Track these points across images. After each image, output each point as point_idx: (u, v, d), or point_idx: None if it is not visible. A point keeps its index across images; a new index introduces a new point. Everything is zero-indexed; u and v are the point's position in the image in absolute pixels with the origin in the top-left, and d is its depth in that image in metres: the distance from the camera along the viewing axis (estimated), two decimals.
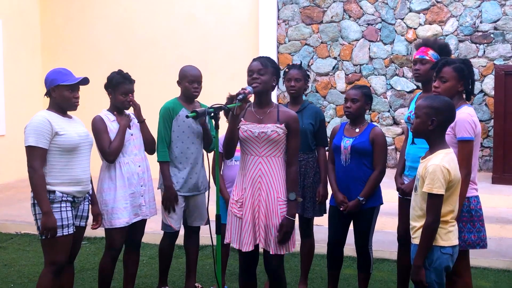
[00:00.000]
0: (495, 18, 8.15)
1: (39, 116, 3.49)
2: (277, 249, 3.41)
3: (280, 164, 3.46)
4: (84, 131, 3.68)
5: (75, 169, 3.56)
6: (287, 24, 9.06)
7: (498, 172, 7.54)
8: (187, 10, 9.24)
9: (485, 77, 8.22)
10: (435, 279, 2.99)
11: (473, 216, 3.41)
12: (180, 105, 4.28)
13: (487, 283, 4.80)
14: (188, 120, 4.22)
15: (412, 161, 3.85)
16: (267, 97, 3.50)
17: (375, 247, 5.47)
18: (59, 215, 3.46)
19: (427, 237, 2.95)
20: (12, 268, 5.19)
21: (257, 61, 3.46)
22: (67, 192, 3.52)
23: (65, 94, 3.54)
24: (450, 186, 2.94)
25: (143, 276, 4.90)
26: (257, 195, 3.43)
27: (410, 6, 8.53)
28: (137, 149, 4.09)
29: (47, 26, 9.87)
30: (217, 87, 5.19)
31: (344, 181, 4.05)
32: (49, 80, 3.56)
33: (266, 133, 3.39)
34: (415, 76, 3.94)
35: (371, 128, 4.05)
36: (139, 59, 9.26)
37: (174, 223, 4.28)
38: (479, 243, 3.43)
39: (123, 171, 3.98)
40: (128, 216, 3.98)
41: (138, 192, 4.05)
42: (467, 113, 3.39)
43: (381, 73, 8.72)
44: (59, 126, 3.49)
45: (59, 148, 3.48)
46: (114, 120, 4.01)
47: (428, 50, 3.88)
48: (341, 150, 4.05)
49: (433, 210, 2.92)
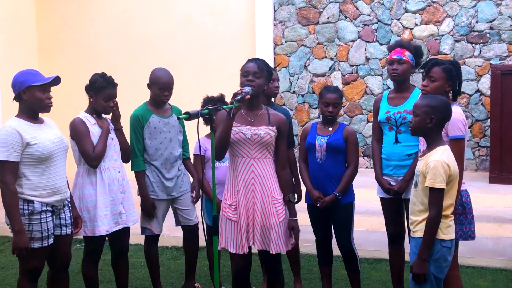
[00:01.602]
0: (491, 18, 8.17)
1: (7, 127, 3.29)
2: (277, 247, 3.43)
3: (271, 165, 3.49)
4: (57, 136, 3.49)
5: (52, 178, 3.41)
6: (284, 25, 9.07)
7: (495, 172, 7.54)
8: (184, 11, 9.23)
9: (481, 77, 8.23)
10: (433, 272, 3.07)
11: (465, 208, 3.54)
12: (150, 111, 4.22)
13: (485, 282, 4.81)
14: (159, 126, 4.20)
15: (398, 160, 3.95)
16: (258, 100, 3.51)
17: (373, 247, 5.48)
18: (39, 227, 3.34)
19: (431, 230, 3.04)
20: (9, 271, 5.17)
21: (254, 63, 3.44)
22: (46, 202, 3.38)
23: (37, 95, 3.35)
24: (450, 180, 3.05)
25: (141, 278, 4.89)
26: (250, 197, 3.44)
27: (406, 7, 8.54)
28: (116, 154, 4.00)
29: (43, 27, 9.84)
30: (214, 88, 5.17)
31: (319, 178, 4.09)
32: (19, 82, 3.36)
33: (259, 135, 3.40)
34: (393, 75, 4.04)
35: (343, 127, 4.14)
36: (136, 60, 9.25)
37: (154, 227, 4.27)
38: (470, 235, 3.57)
39: (104, 177, 3.87)
40: (108, 224, 3.87)
41: (117, 199, 3.93)
42: (458, 113, 3.50)
43: (377, 74, 8.73)
44: (30, 135, 3.31)
45: (32, 158, 3.31)
46: (95, 123, 3.89)
47: (405, 51, 4.00)
48: (315, 148, 4.10)
49: (435, 204, 3.02)
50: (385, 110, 4.05)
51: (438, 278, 3.10)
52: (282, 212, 3.46)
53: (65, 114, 4.41)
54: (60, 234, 3.55)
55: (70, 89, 4.03)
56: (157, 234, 4.34)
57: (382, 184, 4.02)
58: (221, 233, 3.55)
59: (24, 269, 3.43)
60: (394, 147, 3.97)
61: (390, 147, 4.00)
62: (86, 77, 3.96)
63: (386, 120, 4.01)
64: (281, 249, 3.45)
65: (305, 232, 4.54)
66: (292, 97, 9.00)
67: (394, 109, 3.99)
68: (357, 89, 8.78)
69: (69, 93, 4.32)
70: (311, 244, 4.56)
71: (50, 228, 3.42)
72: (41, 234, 3.36)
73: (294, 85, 9.00)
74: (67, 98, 5.33)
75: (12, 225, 3.26)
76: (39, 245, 3.36)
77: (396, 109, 3.98)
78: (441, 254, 3.08)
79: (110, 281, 4.88)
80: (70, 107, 4.78)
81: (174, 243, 5.65)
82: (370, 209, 6.15)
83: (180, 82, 7.31)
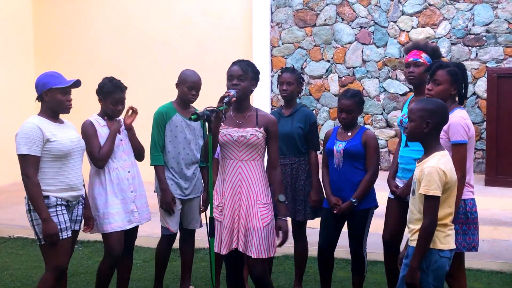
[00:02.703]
0: (488, 21, 8.20)
1: (30, 123, 3.46)
2: (259, 253, 3.38)
3: (259, 168, 3.47)
4: (76, 136, 3.66)
5: (68, 175, 3.55)
6: (281, 27, 9.08)
7: (491, 174, 7.57)
8: (182, 13, 9.24)
9: (478, 80, 8.26)
10: (432, 282, 2.98)
11: (469, 218, 3.43)
12: (174, 109, 4.27)
13: (480, 284, 4.82)
14: (181, 125, 4.23)
15: (406, 163, 3.88)
16: (246, 102, 3.51)
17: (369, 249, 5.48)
18: (56, 219, 3.46)
19: (424, 239, 2.94)
20: (5, 272, 5.16)
21: (238, 66, 3.44)
22: (61, 197, 3.51)
23: (57, 97, 3.52)
24: (447, 188, 2.95)
25: (137, 279, 4.89)
26: (237, 199, 3.43)
27: (402, 9, 8.57)
28: (126, 154, 4.05)
29: (40, 28, 9.83)
30: (211, 90, 5.18)
31: (337, 184, 4.07)
32: (41, 84, 3.53)
33: (246, 136, 3.40)
34: (409, 78, 3.95)
35: (363, 131, 4.08)
36: (134, 62, 9.25)
37: (172, 225, 4.29)
38: (474, 246, 3.46)
39: (112, 177, 3.94)
40: (121, 221, 3.94)
41: (128, 198, 3.99)
42: (459, 117, 3.42)
43: (374, 76, 8.74)
44: (50, 132, 3.47)
45: (51, 154, 3.47)
46: (105, 125, 3.97)
47: (421, 53, 3.90)
48: (333, 154, 4.07)
49: (429, 212, 2.92)
50: (402, 113, 3.99)
51: (437, 287, 3.02)
52: (267, 217, 3.42)
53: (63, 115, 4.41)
54: (72, 228, 3.65)
55: None
56: (175, 232, 4.34)
57: (390, 185, 4.01)
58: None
59: (50, 266, 3.51)
60: (403, 150, 3.91)
61: (401, 151, 3.96)
62: (83, 78, 3.95)
63: (400, 123, 3.98)
64: (262, 254, 3.38)
65: (308, 235, 4.56)
66: None
67: None
68: None
69: None
70: (310, 247, 4.55)
71: (67, 220, 3.53)
72: (59, 226, 3.46)
73: None
74: None
75: (39, 214, 3.40)
76: (60, 237, 3.45)
77: None
78: (440, 264, 2.98)
79: None
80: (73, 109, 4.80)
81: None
82: None
83: None
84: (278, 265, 5.26)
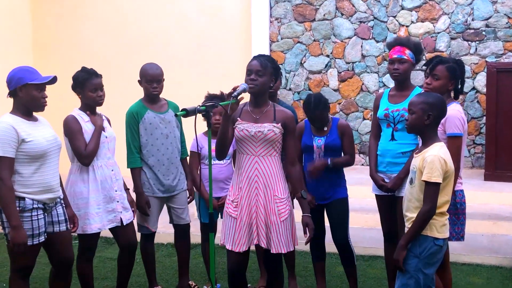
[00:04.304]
0: (487, 16, 8.17)
1: (3, 123, 3.27)
2: (277, 247, 3.39)
3: (276, 163, 3.45)
4: (52, 134, 3.48)
5: (45, 176, 3.38)
6: (280, 22, 9.05)
7: (490, 169, 7.56)
8: (179, 9, 9.21)
9: (477, 75, 8.24)
10: (422, 268, 3.06)
11: (458, 209, 3.56)
12: (145, 107, 4.21)
13: (480, 279, 4.82)
14: (155, 122, 4.18)
15: (392, 157, 3.95)
16: (264, 97, 3.47)
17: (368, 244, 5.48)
18: (30, 224, 3.31)
19: (420, 223, 3.03)
20: (4, 268, 5.16)
21: (257, 60, 3.40)
22: (37, 199, 3.35)
23: (33, 93, 3.33)
24: (446, 176, 3.05)
25: (136, 275, 4.89)
26: (254, 195, 3.41)
27: (402, 4, 8.54)
28: (110, 152, 3.96)
29: (38, 24, 9.80)
30: (209, 86, 5.16)
31: (318, 178, 4.10)
32: (15, 79, 3.33)
33: (263, 132, 3.38)
34: (394, 75, 4.00)
35: (336, 124, 4.17)
36: (131, 59, 9.20)
37: (150, 224, 4.28)
38: (462, 236, 3.61)
39: (96, 175, 3.83)
40: (100, 222, 3.84)
41: (111, 197, 3.90)
42: (456, 110, 3.53)
43: (373, 71, 8.73)
44: (25, 132, 3.29)
45: (27, 155, 3.29)
46: (88, 120, 3.85)
47: (405, 50, 3.96)
48: (313, 150, 4.12)
49: (430, 198, 3.01)
50: (384, 107, 4.04)
51: (426, 274, 3.08)
52: (284, 212, 3.41)
53: (59, 112, 4.39)
54: (52, 231, 3.51)
55: (65, 87, 4.00)
56: (154, 231, 4.33)
57: (376, 180, 4.02)
58: (222, 229, 3.53)
59: (16, 267, 3.41)
60: (389, 144, 3.96)
61: (385, 144, 4.00)
62: None
63: (384, 117, 4.00)
64: (281, 249, 3.39)
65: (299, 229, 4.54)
66: (288, 94, 8.99)
67: (393, 107, 3.98)
68: (353, 86, 8.78)
69: (63, 91, 4.28)
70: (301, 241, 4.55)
71: (42, 226, 3.38)
72: (31, 232, 3.32)
73: (290, 82, 8.99)
74: (61, 95, 5.31)
75: (10, 221, 3.23)
76: (30, 243, 3.31)
77: (395, 106, 3.97)
78: (433, 251, 3.06)
79: (105, 278, 4.87)
80: (64, 104, 4.76)
81: (169, 240, 5.64)
82: (365, 206, 6.15)
83: (176, 80, 7.31)
84: None
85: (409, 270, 3.08)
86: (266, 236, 3.41)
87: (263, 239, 3.40)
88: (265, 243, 3.41)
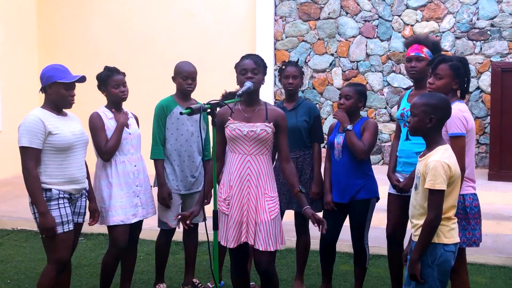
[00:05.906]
0: (492, 15, 8.16)
1: (32, 115, 3.42)
2: (266, 245, 3.39)
3: (267, 162, 3.48)
4: (79, 129, 3.62)
5: (70, 168, 3.51)
6: (284, 20, 9.06)
7: (495, 169, 7.56)
8: (185, 7, 9.23)
9: (482, 74, 8.23)
10: (438, 277, 2.95)
11: (468, 213, 3.40)
12: (175, 102, 4.27)
13: (483, 279, 4.82)
14: (182, 118, 4.22)
15: (407, 157, 3.87)
16: (256, 96, 3.48)
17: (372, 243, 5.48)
18: (58, 212, 3.43)
19: (427, 233, 2.92)
20: (8, 264, 5.18)
21: (250, 59, 3.43)
22: (63, 190, 3.48)
23: (61, 92, 3.47)
24: (451, 181, 2.92)
25: (140, 272, 4.90)
26: (245, 193, 3.43)
27: (407, 3, 8.53)
28: (133, 148, 4.06)
29: (44, 22, 9.84)
30: (214, 84, 5.19)
31: (338, 175, 4.10)
32: (46, 77, 3.48)
33: (256, 132, 3.39)
34: (411, 73, 3.94)
35: (364, 121, 4.11)
36: (137, 56, 9.24)
37: (170, 220, 4.29)
38: (474, 241, 3.44)
39: (118, 170, 3.95)
40: (123, 214, 3.94)
41: (133, 192, 4.01)
42: (457, 109, 3.37)
43: (378, 70, 8.73)
44: (53, 125, 3.43)
45: (53, 147, 3.43)
46: (112, 117, 3.97)
47: (423, 48, 3.89)
48: (334, 146, 4.11)
49: (435, 206, 2.89)
50: (402, 107, 3.98)
51: (443, 281, 2.99)
52: (274, 210, 3.43)
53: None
54: (77, 221, 3.65)
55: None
56: (173, 228, 4.34)
57: (391, 179, 4.00)
58: (220, 226, 3.55)
59: (51, 259, 3.50)
60: (404, 144, 3.90)
61: (401, 144, 3.93)
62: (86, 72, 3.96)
63: (401, 116, 3.96)
64: (270, 247, 3.39)
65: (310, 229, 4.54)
66: None
67: (409, 106, 3.92)
68: None
69: None
70: (312, 240, 4.55)
71: (69, 213, 3.50)
72: (61, 219, 3.44)
73: None
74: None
75: (37, 207, 3.37)
76: (61, 231, 3.43)
77: None
78: (445, 258, 2.95)
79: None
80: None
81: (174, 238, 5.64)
82: None
83: None
84: (281, 258, 5.27)
85: (426, 280, 2.96)
86: (254, 234, 3.41)
87: (251, 237, 3.42)
88: (253, 241, 3.42)
